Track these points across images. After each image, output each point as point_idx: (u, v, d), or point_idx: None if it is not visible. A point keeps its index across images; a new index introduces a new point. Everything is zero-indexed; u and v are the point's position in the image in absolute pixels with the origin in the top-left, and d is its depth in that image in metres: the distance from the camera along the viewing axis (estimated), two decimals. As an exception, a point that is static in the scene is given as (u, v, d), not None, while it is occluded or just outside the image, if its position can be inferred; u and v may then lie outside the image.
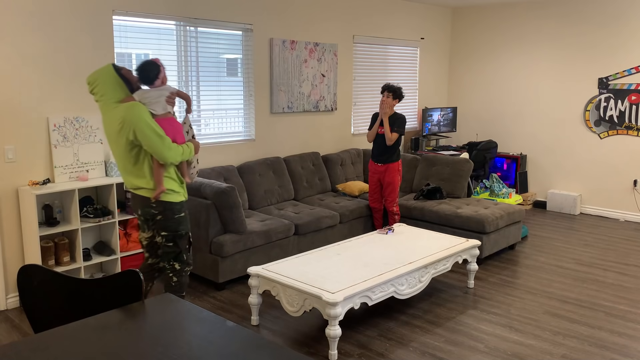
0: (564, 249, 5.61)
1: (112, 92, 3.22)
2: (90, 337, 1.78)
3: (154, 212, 3.29)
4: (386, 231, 4.65)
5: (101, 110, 3.28)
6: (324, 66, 6.23)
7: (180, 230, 3.36)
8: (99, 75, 3.23)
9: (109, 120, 3.22)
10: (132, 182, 3.29)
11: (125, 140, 3.16)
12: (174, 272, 3.42)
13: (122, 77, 3.24)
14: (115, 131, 3.18)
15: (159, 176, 3.22)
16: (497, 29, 7.62)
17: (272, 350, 1.71)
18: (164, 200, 3.26)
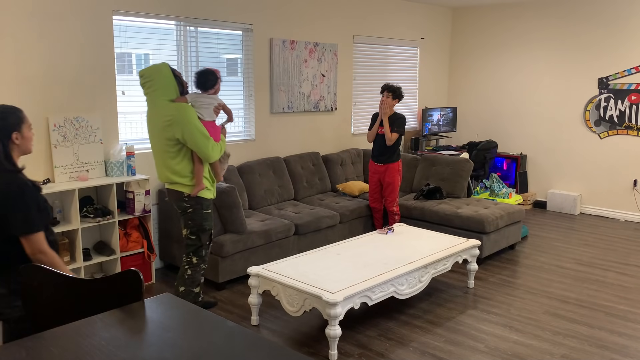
0: (564, 249, 5.61)
1: (165, 90, 3.43)
2: (90, 337, 1.78)
3: (186, 205, 3.54)
4: (386, 231, 4.65)
5: (149, 103, 3.50)
6: (324, 66, 6.23)
7: (205, 225, 3.60)
8: (156, 71, 3.44)
9: (156, 114, 3.44)
10: (168, 176, 3.52)
11: (170, 136, 3.39)
12: (190, 265, 3.62)
13: (176, 78, 3.47)
14: (161, 126, 3.41)
15: (199, 175, 3.48)
16: (497, 29, 7.62)
17: (272, 350, 1.71)
18: (197, 196, 3.51)
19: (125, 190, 4.53)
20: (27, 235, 2.24)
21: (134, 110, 4.77)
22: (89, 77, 4.38)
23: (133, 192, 4.47)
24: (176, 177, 3.48)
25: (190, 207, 3.54)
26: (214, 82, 3.63)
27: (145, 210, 4.57)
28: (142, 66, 4.86)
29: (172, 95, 3.46)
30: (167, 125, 3.38)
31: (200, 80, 3.62)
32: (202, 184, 3.50)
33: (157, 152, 3.51)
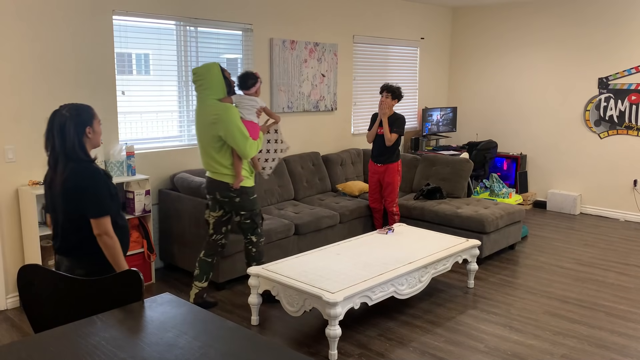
0: (564, 249, 5.61)
1: (215, 89, 3.75)
2: (90, 337, 1.78)
3: (233, 195, 3.89)
4: (386, 231, 4.65)
5: (198, 99, 3.82)
6: (324, 66, 6.23)
7: (255, 209, 4.00)
8: (207, 71, 3.75)
9: (205, 110, 3.77)
10: (212, 167, 3.87)
11: (214, 133, 3.74)
12: (252, 244, 4.05)
13: (225, 79, 3.77)
14: (209, 122, 3.75)
15: (238, 168, 3.83)
16: (497, 28, 7.62)
17: (272, 350, 1.71)
18: (241, 186, 3.87)
19: (125, 190, 4.53)
20: (97, 218, 2.49)
21: (134, 110, 4.77)
22: (89, 77, 4.38)
23: (133, 192, 4.47)
24: (221, 168, 3.84)
25: (237, 196, 3.90)
26: (254, 82, 3.96)
27: (145, 210, 4.57)
28: (142, 66, 4.87)
29: (220, 95, 3.77)
30: (213, 123, 3.72)
31: (242, 82, 3.95)
32: (240, 176, 3.85)
33: (203, 145, 3.85)
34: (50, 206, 2.62)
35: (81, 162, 2.54)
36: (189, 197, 4.60)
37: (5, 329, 3.80)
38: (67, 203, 2.51)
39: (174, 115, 5.06)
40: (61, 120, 2.54)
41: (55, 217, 2.59)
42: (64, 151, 2.54)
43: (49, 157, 2.58)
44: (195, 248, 4.57)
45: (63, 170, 2.52)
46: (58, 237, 2.59)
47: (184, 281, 4.71)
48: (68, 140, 2.52)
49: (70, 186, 2.49)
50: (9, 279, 4.14)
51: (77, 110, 2.56)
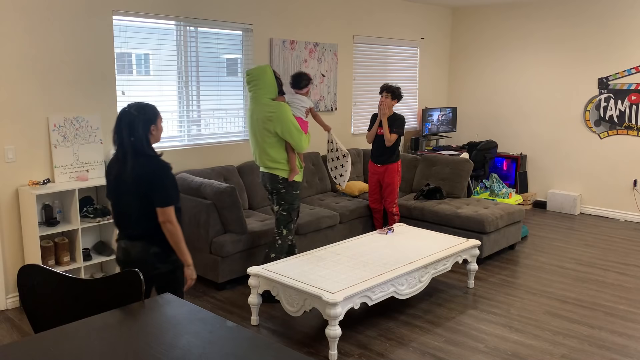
0: (564, 249, 5.61)
1: (268, 89, 4.03)
2: (90, 337, 1.78)
3: (280, 186, 4.16)
4: (386, 231, 4.65)
5: (252, 98, 4.11)
6: (324, 66, 6.23)
7: (294, 203, 4.23)
8: (261, 72, 4.03)
9: (259, 108, 4.05)
10: (265, 162, 4.15)
11: (269, 129, 4.02)
12: (280, 236, 4.23)
13: (276, 79, 4.06)
14: (263, 119, 4.03)
15: (293, 162, 4.13)
16: (497, 29, 7.63)
17: (272, 350, 1.71)
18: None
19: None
20: (163, 207, 2.71)
21: (134, 110, 4.77)
22: (89, 77, 4.38)
23: (133, 192, 4.47)
24: (273, 162, 4.12)
25: (283, 188, 4.16)
26: (307, 82, 4.30)
27: (145, 210, 4.56)
28: (142, 66, 4.88)
29: (273, 94, 4.07)
30: (268, 120, 4.01)
31: (295, 81, 4.29)
32: (296, 169, 4.13)
33: (256, 141, 4.14)
34: (114, 196, 2.83)
35: (150, 157, 2.76)
36: (189, 197, 4.60)
37: (5, 329, 3.80)
38: (139, 194, 2.72)
39: (174, 115, 5.06)
40: (130, 119, 2.73)
41: (120, 207, 2.81)
42: (133, 147, 2.73)
43: (117, 152, 2.80)
44: (195, 248, 4.57)
45: (133, 164, 2.72)
46: (128, 225, 2.80)
47: (184, 281, 4.71)
48: (137, 137, 2.72)
49: (142, 179, 2.71)
50: (9, 279, 4.14)
51: (144, 109, 2.76)
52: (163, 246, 2.76)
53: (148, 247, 2.76)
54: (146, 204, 2.72)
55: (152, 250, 2.76)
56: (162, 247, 2.76)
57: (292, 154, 4.12)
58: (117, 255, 2.88)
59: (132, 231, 2.80)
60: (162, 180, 2.72)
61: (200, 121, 5.27)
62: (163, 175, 2.73)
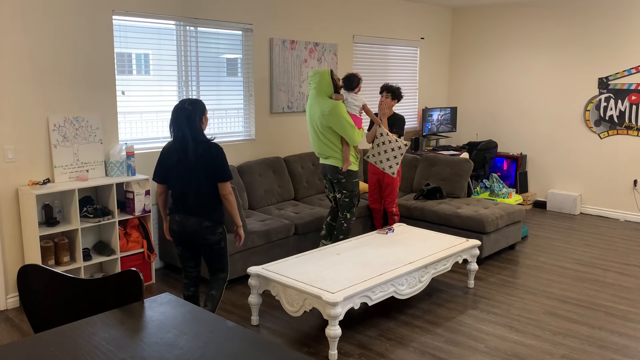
0: (564, 249, 5.61)
1: (326, 88, 4.55)
2: (90, 337, 1.78)
3: (340, 176, 4.68)
4: (386, 231, 4.65)
5: (311, 96, 4.65)
6: (324, 66, 6.23)
7: (354, 190, 4.75)
8: (322, 75, 4.55)
9: (317, 105, 4.57)
10: (324, 153, 4.68)
11: (326, 124, 4.52)
12: (345, 220, 4.76)
13: (333, 81, 4.54)
14: (321, 115, 4.53)
15: (347, 154, 4.62)
16: (497, 29, 7.63)
17: (272, 350, 1.71)
18: (348, 169, 4.65)
19: (125, 190, 4.53)
20: (224, 182, 3.28)
21: (134, 110, 4.77)
22: (89, 77, 4.38)
23: (133, 192, 4.47)
24: (331, 153, 4.64)
25: (343, 177, 4.68)
26: (357, 83, 4.73)
27: (145, 210, 4.57)
28: (142, 66, 4.88)
29: (330, 92, 4.56)
30: (324, 116, 4.50)
31: (347, 83, 4.70)
32: (349, 161, 4.63)
33: (317, 136, 4.65)
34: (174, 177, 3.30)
35: (207, 142, 3.26)
36: (189, 197, 4.60)
37: (5, 329, 3.80)
38: (203, 175, 3.23)
39: (174, 115, 5.06)
40: (187, 113, 3.23)
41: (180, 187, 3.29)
42: (192, 136, 3.23)
43: (175, 141, 3.28)
44: (195, 248, 4.57)
45: (195, 149, 3.22)
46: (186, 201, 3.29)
47: (184, 281, 4.71)
48: (194, 128, 3.24)
49: (206, 161, 3.22)
50: (9, 279, 4.14)
51: (196, 104, 3.28)
52: (213, 221, 3.31)
53: (201, 221, 3.28)
54: (205, 185, 3.25)
55: (205, 224, 3.29)
56: (212, 222, 3.31)
57: (346, 146, 4.62)
58: (171, 226, 3.39)
59: (189, 207, 3.29)
60: (222, 161, 3.26)
61: (200, 121, 5.27)
62: (222, 157, 3.27)
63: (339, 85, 4.63)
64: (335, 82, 4.58)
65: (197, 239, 3.32)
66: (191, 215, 3.29)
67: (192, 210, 3.29)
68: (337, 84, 4.62)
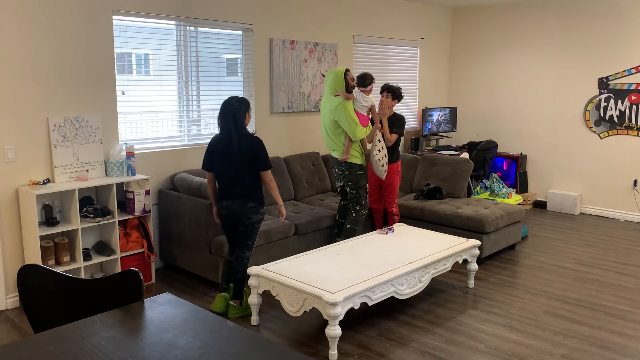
0: (564, 249, 5.61)
1: (338, 86, 4.74)
2: (90, 337, 1.78)
3: (343, 168, 4.89)
4: (386, 231, 4.65)
5: (325, 93, 4.87)
6: (324, 66, 6.23)
7: (360, 182, 4.90)
8: (336, 73, 4.75)
9: (328, 101, 4.81)
10: (331, 146, 4.90)
11: (333, 118, 4.75)
12: (354, 211, 4.96)
13: (345, 80, 4.74)
14: (329, 110, 4.77)
15: (348, 147, 4.81)
16: (497, 29, 7.63)
17: (272, 350, 1.71)
18: (349, 162, 4.85)
19: (125, 190, 4.53)
20: (265, 170, 3.79)
21: (134, 110, 4.77)
22: (89, 77, 4.38)
23: (133, 192, 4.47)
24: (336, 147, 4.84)
25: (346, 169, 4.87)
26: (370, 81, 4.88)
27: (145, 210, 4.57)
28: (142, 66, 4.88)
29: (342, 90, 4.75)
30: (333, 110, 4.72)
31: (361, 81, 4.88)
32: (347, 153, 4.80)
33: (325, 129, 4.87)
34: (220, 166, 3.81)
35: (249, 135, 3.77)
36: (189, 197, 4.60)
37: (5, 329, 3.80)
38: (247, 163, 3.73)
39: (174, 115, 5.06)
40: (234, 109, 3.73)
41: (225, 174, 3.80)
42: (237, 130, 3.73)
43: (221, 133, 3.79)
44: (195, 248, 4.57)
45: (239, 142, 3.72)
46: (232, 187, 3.79)
47: (184, 281, 4.71)
48: (238, 122, 3.73)
49: (249, 151, 3.72)
50: (9, 279, 4.14)
51: (242, 101, 3.76)
52: (257, 201, 3.84)
53: (246, 203, 3.81)
54: (248, 172, 3.74)
55: (250, 204, 3.82)
56: (256, 203, 3.83)
57: (348, 140, 4.79)
58: (220, 211, 3.92)
59: (234, 192, 3.81)
60: (263, 152, 3.77)
61: (200, 121, 5.28)
62: (262, 148, 3.76)
63: (351, 85, 4.78)
64: (347, 82, 4.74)
65: (243, 218, 3.85)
66: (237, 199, 3.81)
67: (237, 194, 3.80)
68: (350, 84, 4.77)
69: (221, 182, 3.86)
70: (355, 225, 4.97)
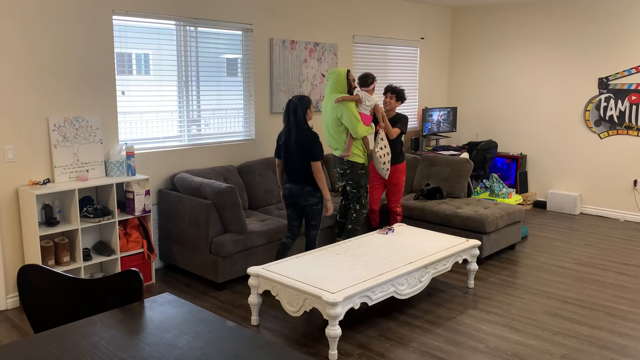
0: (564, 249, 5.61)
1: (340, 87, 4.79)
2: (90, 337, 1.78)
3: (345, 167, 4.92)
4: (386, 231, 4.65)
5: (326, 93, 4.92)
6: (324, 66, 6.23)
7: (361, 182, 4.92)
8: (338, 73, 4.80)
9: (329, 100, 4.85)
10: (333, 146, 4.95)
11: (335, 116, 4.80)
12: (355, 211, 4.98)
13: (347, 80, 4.80)
14: (331, 108, 4.82)
15: (350, 144, 4.83)
16: (497, 29, 7.63)
17: (272, 350, 1.71)
18: (351, 160, 4.87)
19: (125, 190, 4.53)
20: (315, 161, 4.20)
21: (134, 110, 4.77)
22: (89, 77, 4.38)
23: (133, 192, 4.47)
24: (338, 145, 4.90)
25: (348, 168, 4.91)
26: (371, 81, 4.94)
27: (145, 210, 4.57)
28: (142, 66, 4.88)
29: (343, 91, 4.81)
30: (335, 107, 4.78)
31: (363, 81, 4.95)
32: (349, 152, 4.84)
33: (327, 127, 4.92)
34: (284, 155, 4.30)
35: (306, 129, 4.22)
36: (189, 197, 4.60)
37: (5, 329, 3.80)
38: (302, 153, 4.19)
39: (174, 115, 5.06)
40: (294, 105, 4.20)
41: (287, 162, 4.28)
42: (296, 124, 4.21)
43: (285, 127, 4.28)
44: (195, 248, 4.57)
45: (296, 135, 4.20)
46: (292, 173, 4.28)
47: (184, 281, 4.71)
48: (298, 118, 4.19)
49: (303, 144, 4.19)
50: (9, 279, 4.14)
51: (303, 99, 4.22)
52: (313, 186, 4.28)
53: (304, 187, 4.27)
54: (304, 160, 4.20)
55: (306, 189, 4.27)
56: (313, 187, 4.28)
57: (350, 138, 4.82)
58: (283, 192, 4.41)
59: (295, 177, 4.28)
60: (315, 145, 4.18)
61: (200, 121, 5.28)
62: (316, 141, 4.19)
63: (353, 86, 4.86)
64: (349, 82, 4.80)
65: (300, 200, 4.31)
66: (296, 183, 4.29)
67: (296, 179, 4.29)
68: (352, 85, 4.84)
69: (285, 168, 4.35)
70: (357, 225, 4.97)
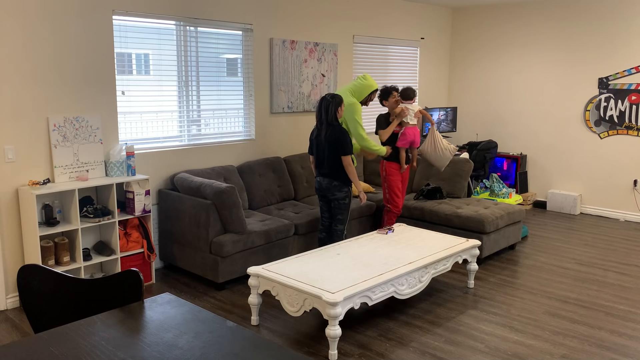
0: (564, 249, 5.61)
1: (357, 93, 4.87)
2: (90, 337, 1.78)
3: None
4: (386, 231, 4.65)
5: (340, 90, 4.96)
6: (324, 66, 6.23)
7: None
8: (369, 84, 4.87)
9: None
10: None
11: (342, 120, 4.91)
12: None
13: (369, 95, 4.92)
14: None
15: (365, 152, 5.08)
16: (497, 29, 7.63)
17: (272, 350, 1.71)
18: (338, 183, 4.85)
19: (125, 190, 4.53)
20: (345, 155, 4.44)
21: (134, 110, 4.77)
22: (89, 77, 4.39)
23: (133, 192, 4.47)
24: None
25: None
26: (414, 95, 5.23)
27: (145, 210, 4.57)
28: (142, 66, 4.88)
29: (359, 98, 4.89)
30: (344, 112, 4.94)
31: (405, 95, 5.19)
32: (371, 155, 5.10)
33: None
34: (315, 150, 4.58)
35: (336, 126, 4.44)
36: (189, 197, 4.60)
37: (5, 329, 3.80)
38: (331, 148, 4.43)
39: (174, 115, 5.06)
40: (326, 103, 4.43)
41: (319, 157, 4.55)
42: (327, 120, 4.43)
43: (317, 123, 4.53)
44: (195, 248, 4.57)
45: (326, 131, 4.44)
46: (323, 167, 4.52)
47: (184, 281, 4.71)
48: (329, 114, 4.42)
49: (333, 139, 4.42)
50: (9, 279, 4.14)
51: (335, 98, 4.44)
52: (340, 181, 4.51)
53: (332, 181, 4.52)
54: (333, 155, 4.44)
55: (334, 183, 4.51)
56: (340, 182, 4.51)
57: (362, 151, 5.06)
58: (315, 185, 4.66)
59: (325, 171, 4.53)
60: (344, 140, 4.41)
61: (200, 121, 5.28)
62: (344, 137, 4.41)
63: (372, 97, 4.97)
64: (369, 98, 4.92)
65: (328, 193, 4.56)
66: (325, 177, 4.54)
67: (326, 173, 4.53)
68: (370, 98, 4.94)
69: (316, 162, 4.61)
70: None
